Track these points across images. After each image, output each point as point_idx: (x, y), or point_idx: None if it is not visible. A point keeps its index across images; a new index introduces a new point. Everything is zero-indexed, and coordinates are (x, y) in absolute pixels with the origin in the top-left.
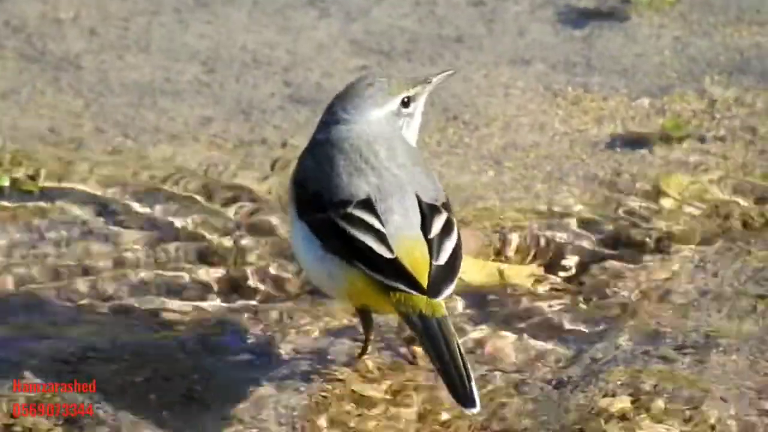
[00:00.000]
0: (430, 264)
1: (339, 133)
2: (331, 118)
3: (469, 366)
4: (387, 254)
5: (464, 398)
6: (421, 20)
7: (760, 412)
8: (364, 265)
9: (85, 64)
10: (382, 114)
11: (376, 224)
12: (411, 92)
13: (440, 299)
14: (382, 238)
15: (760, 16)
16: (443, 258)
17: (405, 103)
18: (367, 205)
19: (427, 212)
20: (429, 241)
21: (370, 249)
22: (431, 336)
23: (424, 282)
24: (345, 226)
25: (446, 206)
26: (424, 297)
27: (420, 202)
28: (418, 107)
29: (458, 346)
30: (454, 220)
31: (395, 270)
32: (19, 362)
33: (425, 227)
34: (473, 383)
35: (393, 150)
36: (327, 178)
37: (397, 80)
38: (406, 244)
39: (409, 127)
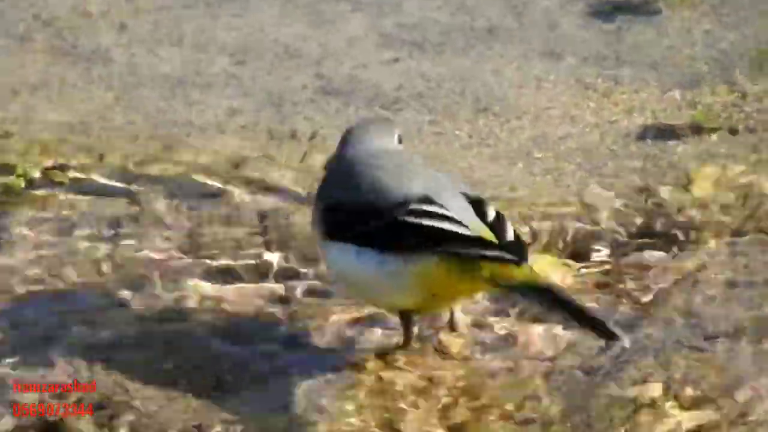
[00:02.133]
0: (505, 243)
1: (369, 151)
2: (351, 146)
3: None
4: (469, 233)
5: (614, 336)
6: (452, 13)
7: None
8: (451, 247)
9: (116, 58)
10: (396, 138)
11: (446, 212)
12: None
13: (529, 264)
14: (456, 222)
15: None
16: (510, 236)
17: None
18: (427, 200)
19: (476, 204)
20: (491, 226)
21: (454, 232)
22: (554, 297)
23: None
24: (413, 221)
25: (486, 200)
26: (520, 266)
27: (466, 196)
28: None
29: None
30: None
31: (485, 244)
32: (49, 348)
33: (480, 216)
34: (609, 322)
35: (422, 159)
36: (372, 187)
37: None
38: (476, 227)
39: None
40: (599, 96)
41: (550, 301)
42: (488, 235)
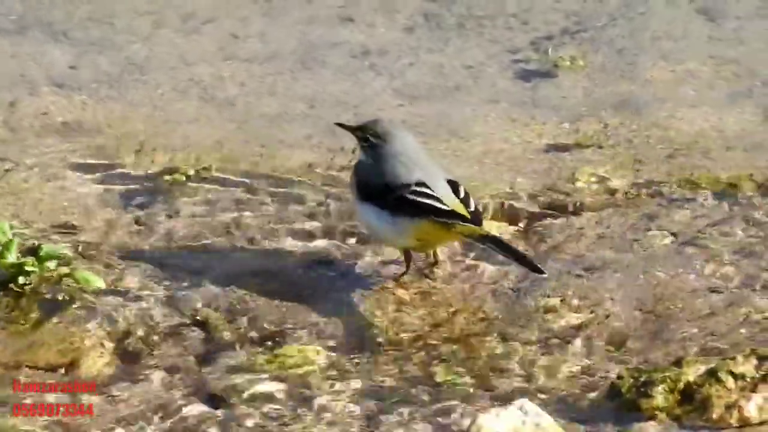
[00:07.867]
0: (468, 211)
1: (384, 149)
2: (374, 140)
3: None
4: (446, 207)
5: (538, 269)
6: (435, 77)
7: (637, 307)
8: (435, 216)
9: (237, 103)
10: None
11: (434, 193)
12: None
13: (483, 226)
14: (439, 200)
15: (633, 74)
16: (472, 207)
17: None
18: (423, 184)
19: (453, 186)
20: (461, 200)
21: (436, 207)
22: (498, 243)
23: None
24: (415, 198)
25: (459, 182)
26: (478, 226)
27: (447, 180)
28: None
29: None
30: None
31: (455, 214)
32: (197, 278)
33: (456, 193)
34: (535, 260)
35: (424, 152)
36: (389, 172)
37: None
38: (453, 202)
39: None
40: (522, 126)
41: (497, 245)
42: (459, 207)
